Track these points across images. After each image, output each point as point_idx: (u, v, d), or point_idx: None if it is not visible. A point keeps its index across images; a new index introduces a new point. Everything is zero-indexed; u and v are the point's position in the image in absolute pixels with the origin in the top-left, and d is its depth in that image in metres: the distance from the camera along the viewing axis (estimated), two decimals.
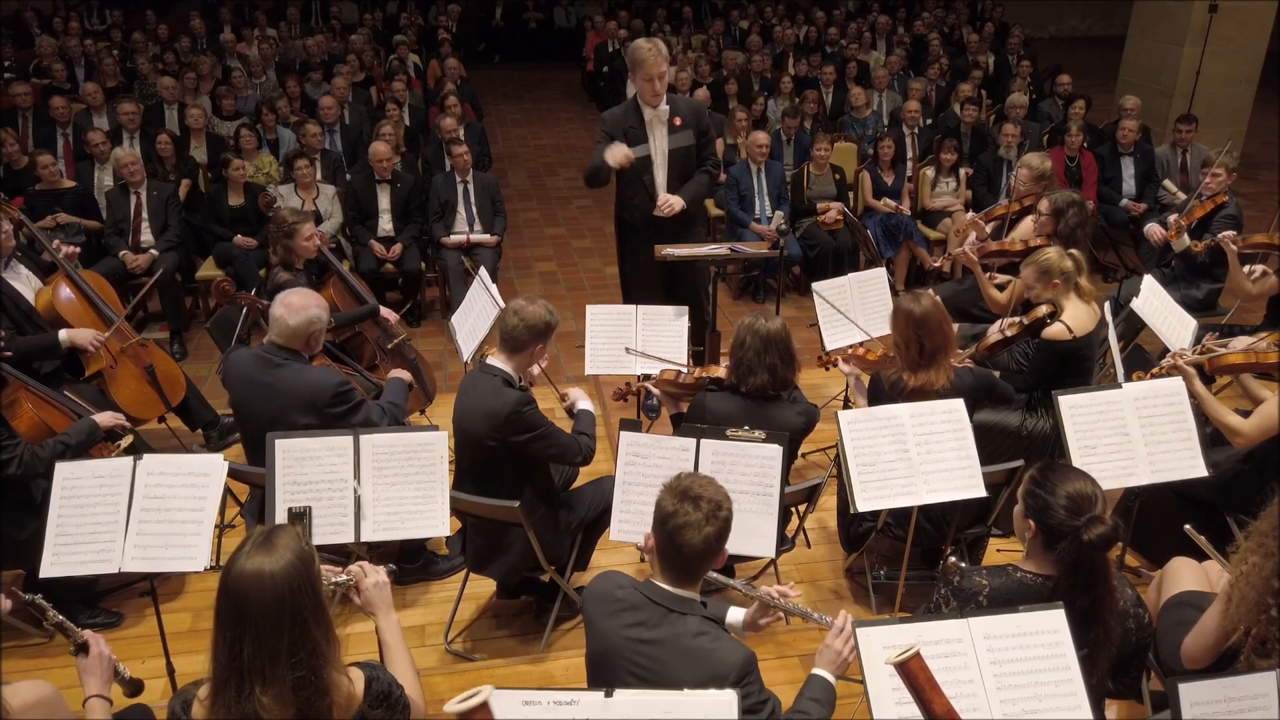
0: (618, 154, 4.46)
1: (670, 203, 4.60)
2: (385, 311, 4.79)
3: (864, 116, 8.16)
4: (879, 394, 3.57)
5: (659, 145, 4.63)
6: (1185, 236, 5.21)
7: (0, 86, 7.88)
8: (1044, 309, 3.91)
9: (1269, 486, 3.47)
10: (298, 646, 1.85)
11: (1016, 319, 4.03)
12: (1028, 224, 4.87)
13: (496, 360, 3.27)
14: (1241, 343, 3.71)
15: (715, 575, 2.35)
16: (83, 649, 2.32)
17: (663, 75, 4.47)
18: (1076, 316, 3.87)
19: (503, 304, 4.37)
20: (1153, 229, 5.62)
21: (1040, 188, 5.00)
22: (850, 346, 4.30)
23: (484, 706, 1.67)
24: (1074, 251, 3.96)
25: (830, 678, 2.32)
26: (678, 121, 4.61)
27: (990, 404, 3.80)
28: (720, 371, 3.62)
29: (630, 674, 2.17)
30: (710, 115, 5.17)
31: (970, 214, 5.22)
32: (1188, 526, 2.88)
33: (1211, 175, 5.36)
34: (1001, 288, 4.68)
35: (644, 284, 4.87)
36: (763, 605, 2.45)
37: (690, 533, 2.15)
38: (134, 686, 2.51)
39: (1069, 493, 2.24)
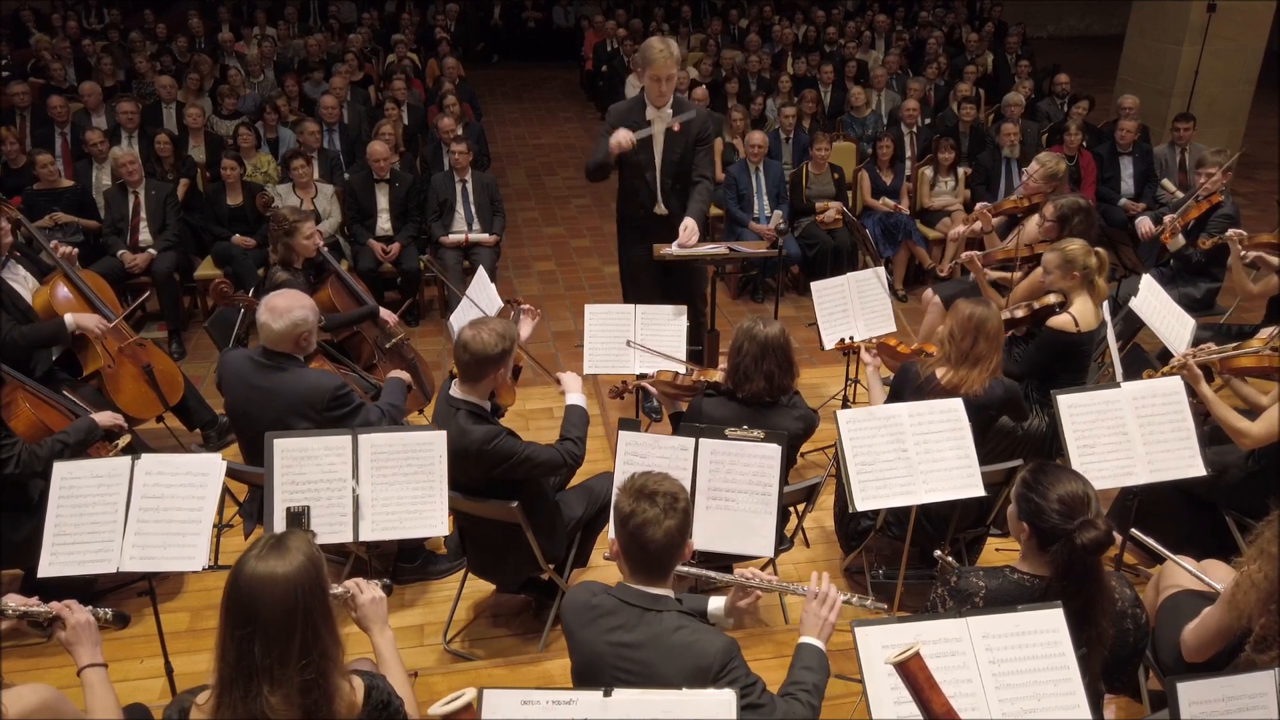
0: (621, 137, 4.41)
1: (691, 232, 4.47)
2: (384, 313, 4.78)
3: (864, 116, 8.16)
4: (905, 383, 3.56)
5: (657, 146, 4.60)
6: (1180, 237, 5.19)
7: None
8: (1054, 297, 3.94)
9: (1270, 486, 3.48)
10: (309, 648, 1.84)
11: (1025, 302, 4.04)
12: (1032, 227, 4.85)
13: (459, 390, 3.15)
14: (1253, 345, 3.70)
15: (685, 568, 2.35)
16: (57, 621, 2.24)
17: (671, 78, 4.41)
18: (1084, 312, 3.91)
19: (492, 301, 4.37)
20: (1142, 221, 5.60)
21: (1050, 187, 4.99)
22: (880, 337, 4.23)
23: (468, 708, 1.67)
24: (1101, 250, 3.98)
25: (818, 643, 2.32)
26: (676, 127, 4.55)
27: (1010, 417, 3.77)
28: (718, 375, 3.59)
29: (617, 680, 2.15)
30: (710, 116, 5.13)
31: (981, 204, 5.20)
32: (1133, 530, 2.91)
33: (1206, 175, 5.34)
34: (995, 284, 4.69)
35: (639, 282, 4.85)
36: (739, 588, 2.45)
37: (652, 529, 2.15)
38: (121, 620, 2.44)
39: (1061, 495, 2.24)
